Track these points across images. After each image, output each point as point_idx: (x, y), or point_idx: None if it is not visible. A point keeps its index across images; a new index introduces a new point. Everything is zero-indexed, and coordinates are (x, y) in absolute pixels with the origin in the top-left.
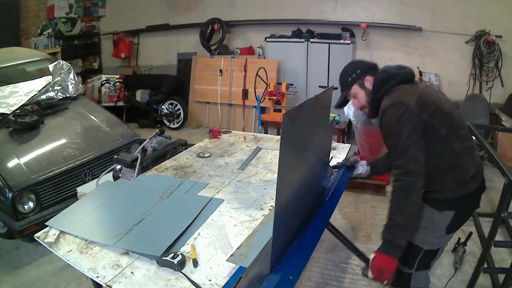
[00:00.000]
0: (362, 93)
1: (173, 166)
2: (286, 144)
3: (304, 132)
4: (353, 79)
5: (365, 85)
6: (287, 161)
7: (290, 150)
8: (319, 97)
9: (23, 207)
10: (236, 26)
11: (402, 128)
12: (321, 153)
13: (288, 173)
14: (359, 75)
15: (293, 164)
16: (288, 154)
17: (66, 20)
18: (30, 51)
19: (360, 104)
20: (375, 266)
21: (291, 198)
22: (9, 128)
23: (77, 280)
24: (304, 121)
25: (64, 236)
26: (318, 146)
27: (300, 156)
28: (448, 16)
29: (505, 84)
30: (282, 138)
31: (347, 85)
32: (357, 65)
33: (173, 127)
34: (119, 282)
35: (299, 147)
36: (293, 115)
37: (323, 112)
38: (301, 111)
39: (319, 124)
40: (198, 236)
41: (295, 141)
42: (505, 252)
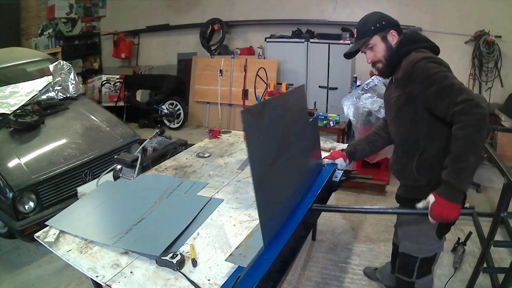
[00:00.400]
0: (382, 46)
1: (173, 166)
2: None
3: (277, 130)
4: (376, 29)
5: (387, 38)
6: (259, 158)
7: (261, 147)
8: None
9: (23, 207)
10: (236, 26)
11: (447, 73)
12: (306, 148)
13: (264, 169)
14: (384, 26)
15: (269, 161)
16: (260, 150)
17: (66, 20)
18: (30, 51)
19: (375, 57)
20: (439, 214)
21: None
22: (10, 128)
23: (78, 279)
24: (274, 118)
25: (64, 236)
26: (300, 142)
27: (277, 154)
28: (447, 17)
29: (504, 84)
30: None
31: (368, 33)
32: (382, 16)
33: (173, 127)
34: (118, 282)
35: (272, 144)
36: (256, 112)
37: (298, 109)
38: (265, 108)
39: (296, 122)
40: (197, 236)
41: (266, 139)
42: (504, 251)
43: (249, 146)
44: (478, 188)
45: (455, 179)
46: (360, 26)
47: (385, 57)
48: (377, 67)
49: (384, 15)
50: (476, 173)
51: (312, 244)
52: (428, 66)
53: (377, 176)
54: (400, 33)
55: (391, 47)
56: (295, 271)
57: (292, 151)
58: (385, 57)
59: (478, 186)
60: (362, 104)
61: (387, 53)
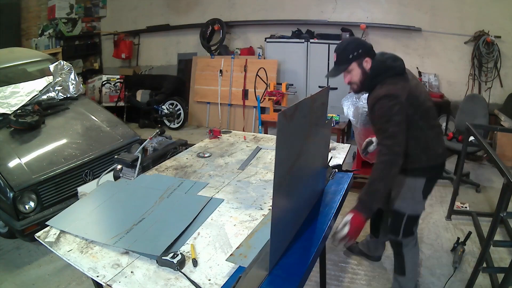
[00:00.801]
0: (358, 71)
1: (173, 166)
2: (282, 144)
3: (301, 132)
4: (354, 57)
5: (363, 65)
6: (283, 162)
7: (287, 151)
8: (315, 96)
9: (24, 207)
10: (236, 27)
11: (393, 117)
12: (319, 153)
13: (285, 173)
14: (360, 54)
15: (290, 164)
16: (285, 155)
17: (67, 21)
18: (31, 52)
19: (351, 80)
20: (354, 225)
21: (288, 198)
22: (10, 128)
23: (78, 279)
24: (301, 121)
25: (65, 236)
26: (315, 146)
27: (297, 156)
28: (447, 17)
29: (504, 84)
30: (278, 138)
31: (347, 61)
32: (359, 44)
33: (173, 127)
34: (119, 282)
35: (295, 147)
36: (289, 114)
37: (320, 111)
38: (297, 110)
39: (316, 124)
40: (197, 235)
41: (291, 141)
42: (504, 251)
43: (278, 149)
44: (478, 188)
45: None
46: (341, 53)
47: (360, 81)
48: (352, 87)
49: (361, 43)
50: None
51: None
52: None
53: None
54: (373, 56)
55: (365, 72)
56: None
57: (309, 153)
58: (360, 80)
59: (478, 186)
60: (361, 104)
61: (361, 77)
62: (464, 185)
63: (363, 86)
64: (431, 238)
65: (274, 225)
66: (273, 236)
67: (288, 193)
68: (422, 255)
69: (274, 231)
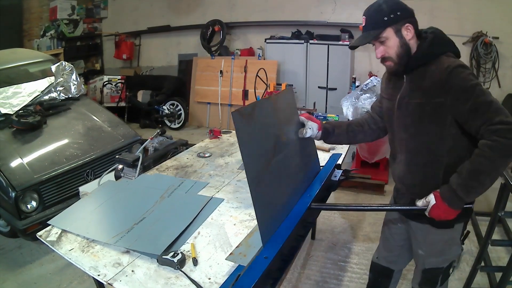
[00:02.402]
0: (395, 41)
1: (174, 166)
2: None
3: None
4: (390, 20)
5: (401, 32)
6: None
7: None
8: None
9: (26, 206)
10: (236, 28)
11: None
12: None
13: (259, 169)
14: (399, 17)
15: (263, 160)
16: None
17: (68, 22)
18: (33, 52)
19: (386, 53)
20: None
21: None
22: (12, 128)
23: (79, 278)
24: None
25: (66, 235)
26: (295, 142)
27: (270, 152)
28: (445, 18)
29: (502, 85)
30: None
31: (380, 25)
32: (399, 3)
33: (174, 128)
34: (120, 280)
35: (267, 145)
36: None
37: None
38: (255, 109)
39: (287, 122)
40: (198, 235)
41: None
42: (502, 250)
43: (242, 146)
44: None
45: (464, 194)
46: (372, 14)
47: (397, 54)
48: (387, 65)
49: (400, 3)
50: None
51: (311, 243)
52: (466, 77)
53: (376, 175)
54: (415, 26)
55: (405, 43)
56: (295, 270)
57: (287, 151)
58: (397, 54)
59: None
60: (361, 104)
61: (400, 50)
62: None
63: (402, 63)
64: None
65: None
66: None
67: (271, 188)
68: None
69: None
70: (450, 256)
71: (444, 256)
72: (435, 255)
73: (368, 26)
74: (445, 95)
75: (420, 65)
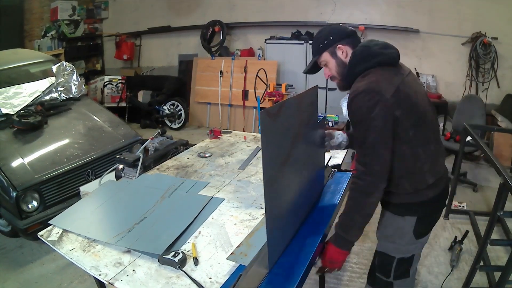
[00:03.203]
0: (333, 62)
1: (175, 166)
2: (269, 142)
3: (290, 131)
4: (324, 46)
5: (336, 54)
6: (272, 160)
7: (275, 149)
8: (302, 95)
9: (27, 206)
10: (236, 28)
11: (373, 123)
12: (314, 151)
13: (276, 172)
14: (331, 41)
15: (280, 163)
16: (273, 153)
17: (69, 22)
18: (33, 53)
19: (330, 73)
20: (328, 257)
21: (283, 196)
22: (13, 128)
23: (80, 277)
24: (288, 120)
25: (67, 235)
26: (309, 146)
27: (287, 155)
28: (445, 18)
29: (501, 85)
30: (263, 136)
31: (317, 52)
32: (331, 31)
33: (174, 128)
34: (121, 280)
35: (285, 146)
36: (273, 113)
37: (310, 110)
38: (282, 109)
39: (307, 123)
40: (198, 234)
41: (279, 140)
42: (501, 250)
43: (264, 147)
44: (475, 187)
45: (344, 232)
46: (313, 43)
47: (338, 73)
48: (336, 83)
49: (334, 28)
50: (473, 172)
51: None
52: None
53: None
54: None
55: (342, 62)
56: None
57: (301, 152)
58: (338, 73)
59: (475, 186)
60: None
61: (339, 69)
62: (462, 184)
63: (345, 80)
64: (429, 237)
65: (269, 223)
66: (269, 233)
67: (282, 191)
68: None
69: (270, 228)
70: (401, 248)
71: (394, 244)
72: (385, 239)
73: (313, 54)
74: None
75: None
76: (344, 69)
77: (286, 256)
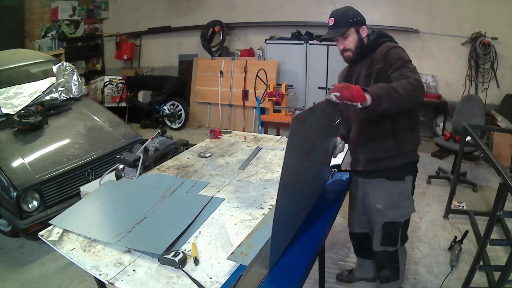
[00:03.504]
0: (355, 37)
1: (175, 166)
2: (293, 148)
3: (310, 135)
4: (354, 22)
5: (360, 32)
6: (291, 164)
7: (295, 153)
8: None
9: (27, 206)
10: (236, 28)
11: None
12: (324, 155)
13: (292, 174)
14: (359, 21)
15: (296, 166)
16: (293, 158)
17: (69, 23)
18: (34, 53)
19: (347, 46)
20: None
21: (292, 198)
22: (14, 128)
23: (80, 277)
24: (311, 124)
25: (68, 235)
26: (322, 148)
27: (303, 159)
28: (444, 19)
29: (500, 85)
30: (290, 141)
31: (347, 24)
32: (357, 12)
33: (174, 128)
34: (121, 280)
35: (303, 150)
36: (302, 118)
37: (331, 115)
38: (310, 114)
39: (325, 127)
40: (199, 234)
41: (300, 144)
42: (500, 250)
43: (288, 151)
44: (475, 187)
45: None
46: (341, 16)
47: (355, 47)
48: (346, 55)
49: (358, 12)
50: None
51: None
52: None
53: None
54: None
55: (361, 40)
56: None
57: (315, 155)
58: (355, 47)
59: (475, 185)
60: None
61: (357, 44)
62: (461, 184)
63: (358, 53)
64: (428, 236)
65: (275, 225)
66: (274, 235)
67: (292, 194)
68: (420, 254)
69: (275, 230)
70: (405, 210)
71: (400, 209)
72: (392, 207)
73: (336, 25)
74: (384, 61)
75: (369, 52)
76: (360, 45)
77: (286, 256)
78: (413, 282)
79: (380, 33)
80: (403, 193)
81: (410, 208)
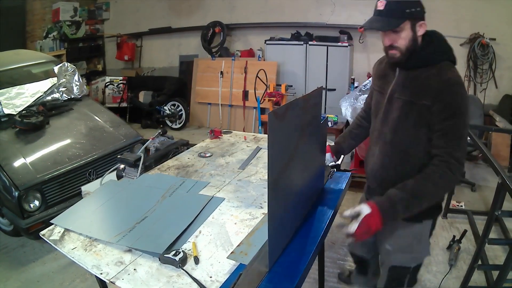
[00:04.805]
0: (409, 34)
1: (175, 166)
2: (275, 143)
3: (294, 132)
4: (411, 14)
5: (416, 28)
6: (277, 160)
7: (280, 149)
8: (308, 96)
9: (29, 206)
10: (236, 29)
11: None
12: (316, 153)
13: (279, 171)
14: (418, 14)
15: (284, 163)
16: (278, 153)
17: (71, 23)
18: (35, 54)
19: (396, 43)
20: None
21: (285, 196)
22: (16, 128)
23: (82, 276)
24: (293, 121)
25: (69, 234)
26: (311, 146)
27: (291, 156)
28: (443, 19)
29: (498, 86)
30: (270, 137)
31: (402, 15)
32: (419, 3)
33: (175, 128)
34: (122, 279)
35: (289, 147)
36: (280, 114)
37: (314, 111)
38: (288, 110)
39: (310, 124)
40: (199, 234)
41: (284, 141)
42: (498, 249)
43: (270, 147)
44: (473, 187)
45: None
46: (394, 3)
47: (406, 47)
48: (391, 53)
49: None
50: (471, 172)
51: None
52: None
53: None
54: None
55: (416, 39)
56: None
57: (303, 153)
58: (406, 46)
59: (473, 185)
60: (359, 105)
61: (409, 43)
62: (460, 184)
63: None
64: None
65: (271, 223)
66: (270, 233)
67: (285, 191)
68: None
69: (272, 228)
70: (418, 255)
71: (412, 254)
72: (403, 251)
73: (387, 12)
74: (433, 101)
75: (419, 65)
76: (413, 46)
77: (286, 255)
78: None
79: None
80: (418, 235)
81: (424, 252)
